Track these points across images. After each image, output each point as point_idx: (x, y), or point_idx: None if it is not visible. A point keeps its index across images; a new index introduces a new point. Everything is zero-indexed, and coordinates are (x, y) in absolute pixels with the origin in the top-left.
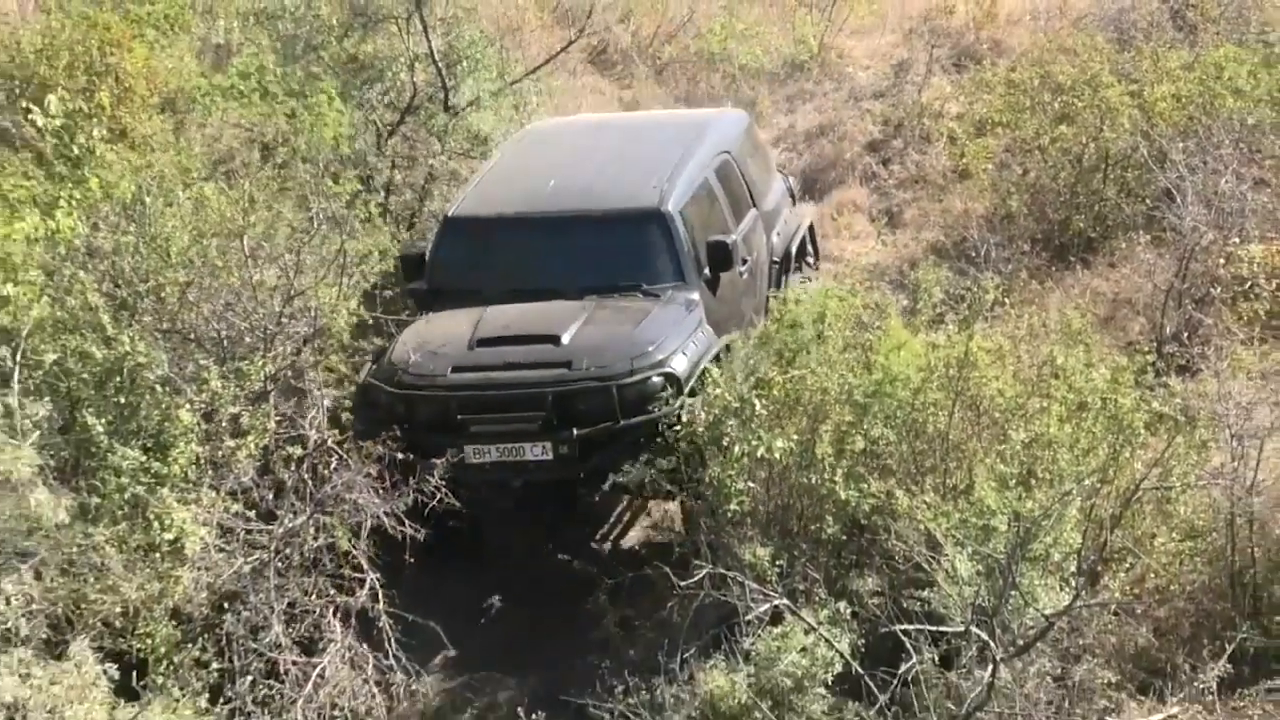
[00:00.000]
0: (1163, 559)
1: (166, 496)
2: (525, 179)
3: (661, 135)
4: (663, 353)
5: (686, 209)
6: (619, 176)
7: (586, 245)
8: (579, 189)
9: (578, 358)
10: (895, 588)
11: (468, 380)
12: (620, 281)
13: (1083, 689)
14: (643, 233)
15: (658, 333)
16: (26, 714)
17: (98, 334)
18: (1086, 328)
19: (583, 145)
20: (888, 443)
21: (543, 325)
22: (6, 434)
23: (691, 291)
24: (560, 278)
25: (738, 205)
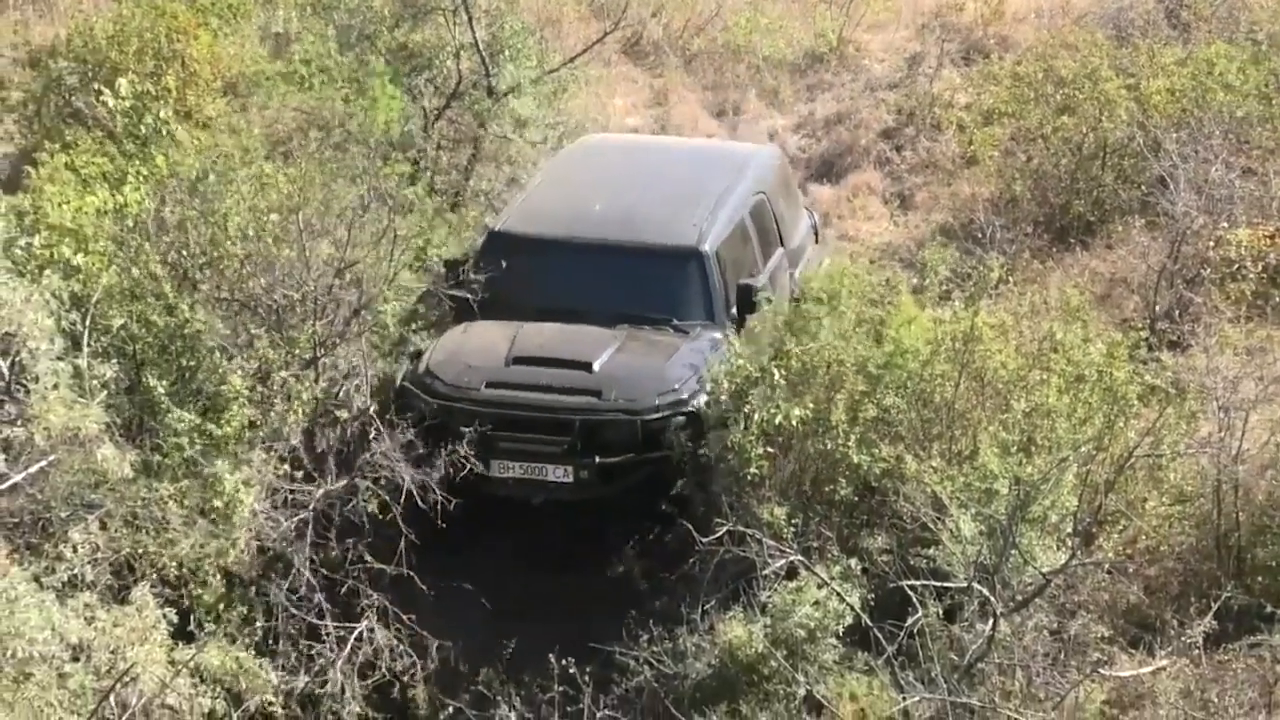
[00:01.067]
0: (1153, 522)
1: (219, 465)
2: (571, 200)
3: (705, 169)
4: (687, 391)
5: (722, 249)
6: (661, 209)
7: (624, 274)
8: (622, 218)
9: (607, 387)
10: (903, 546)
11: (501, 398)
12: (653, 313)
13: (1077, 642)
14: (679, 269)
15: (684, 370)
16: (91, 654)
17: (160, 302)
18: (1084, 305)
19: (629, 170)
20: (898, 411)
21: (576, 350)
22: (76, 393)
23: (718, 330)
24: (595, 301)
25: (767, 244)
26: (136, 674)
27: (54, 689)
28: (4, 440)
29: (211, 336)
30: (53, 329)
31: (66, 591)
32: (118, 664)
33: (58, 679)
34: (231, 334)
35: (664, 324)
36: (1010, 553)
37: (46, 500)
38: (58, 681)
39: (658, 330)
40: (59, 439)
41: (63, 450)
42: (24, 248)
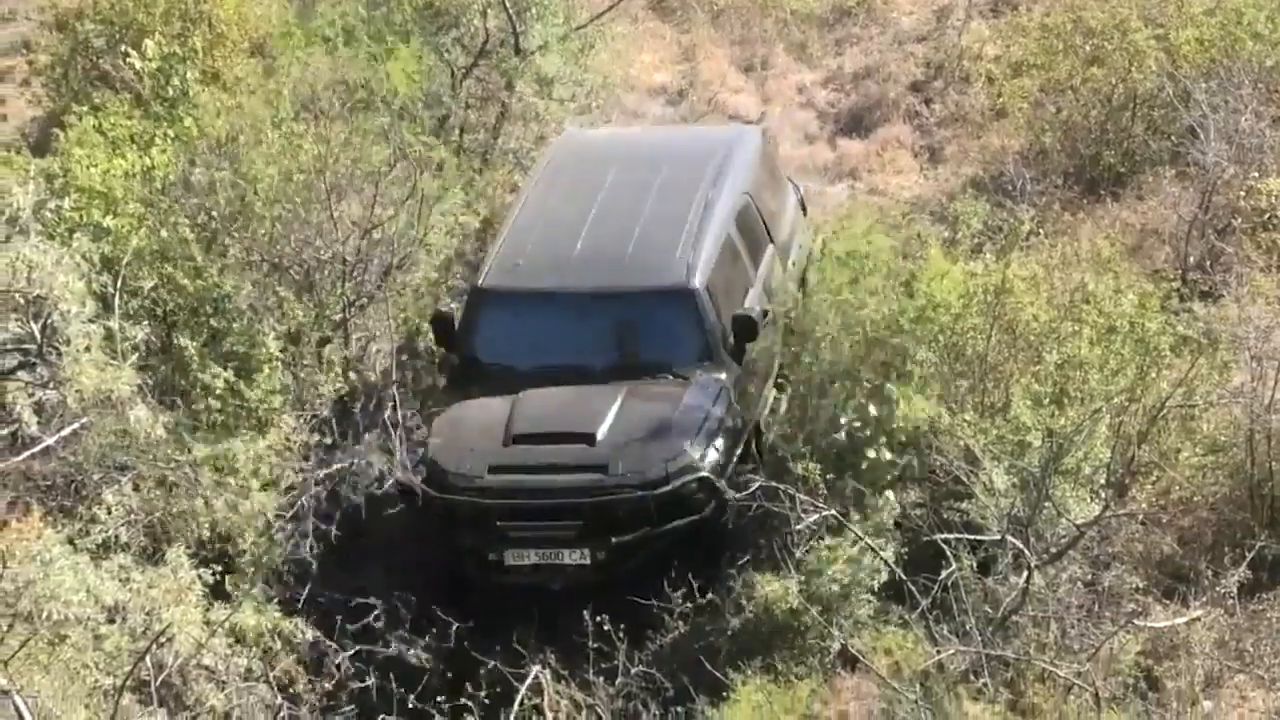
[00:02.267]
0: (1187, 472)
1: (247, 435)
2: (550, 237)
3: (685, 174)
4: (697, 450)
5: (713, 277)
6: (644, 240)
7: (614, 322)
8: (604, 258)
9: (613, 461)
10: (936, 499)
11: (506, 484)
12: (650, 360)
13: (1111, 594)
14: (670, 312)
15: (689, 427)
16: (126, 615)
17: (190, 264)
18: (1116, 257)
19: (608, 187)
20: (930, 364)
21: (577, 419)
22: (108, 355)
23: (719, 370)
24: (589, 354)
25: (757, 250)
26: (172, 635)
27: (90, 651)
28: (36, 403)
29: (241, 299)
30: (84, 291)
31: (101, 553)
32: (153, 625)
33: (93, 640)
34: (261, 296)
35: (663, 370)
36: (1044, 505)
37: (79, 463)
38: (93, 643)
39: (657, 381)
40: (91, 401)
41: (95, 412)
42: (54, 210)
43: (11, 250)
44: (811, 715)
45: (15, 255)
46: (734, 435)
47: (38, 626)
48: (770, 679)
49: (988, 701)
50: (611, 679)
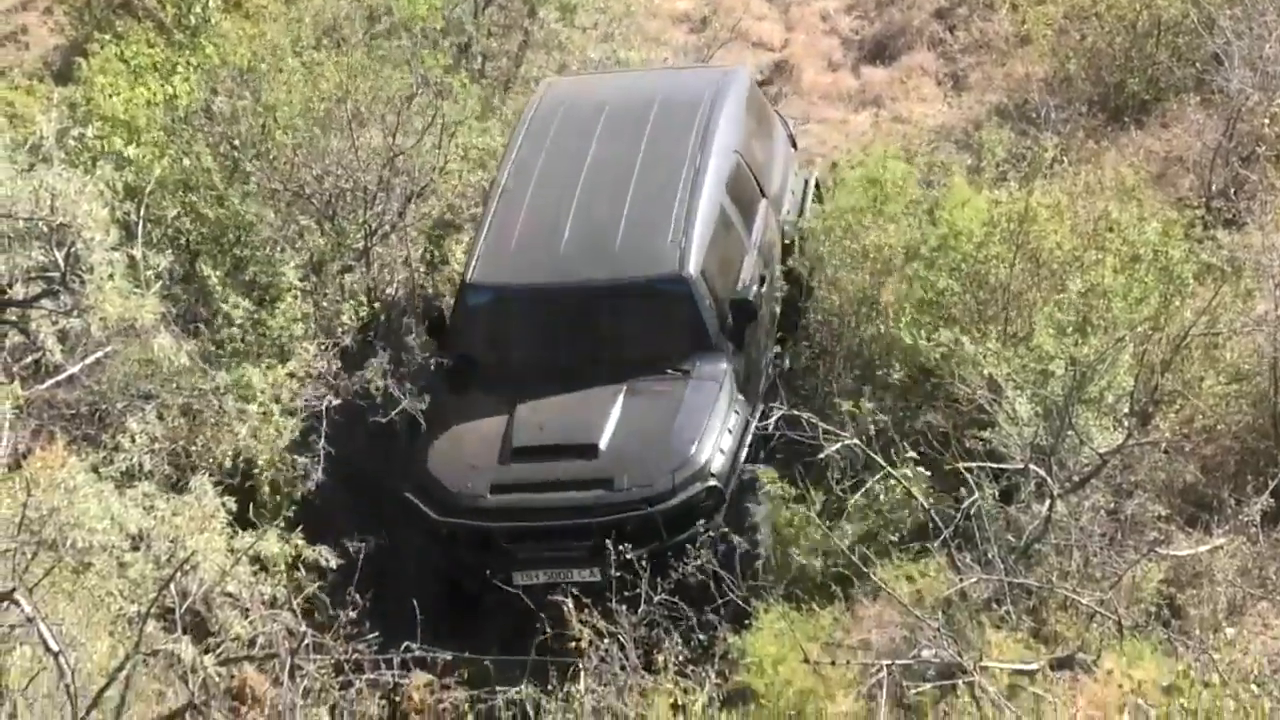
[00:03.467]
0: (1210, 401)
1: (268, 363)
2: (537, 223)
3: (672, 134)
4: (703, 455)
5: (707, 258)
6: (633, 221)
7: (608, 317)
8: (594, 247)
9: (618, 474)
10: (959, 428)
11: (509, 504)
12: (647, 353)
13: (1134, 522)
14: (665, 302)
15: (694, 429)
16: (150, 543)
17: (212, 193)
18: (1139, 184)
19: (593, 154)
20: (953, 293)
21: (578, 430)
22: (132, 283)
23: (720, 360)
24: (585, 349)
25: (750, 211)
26: (196, 562)
27: (114, 578)
28: (60, 331)
29: (263, 227)
30: (107, 220)
31: (125, 482)
32: (177, 553)
33: (118, 568)
34: (283, 225)
35: (662, 363)
36: (1066, 433)
37: (103, 391)
38: (118, 571)
39: (657, 377)
40: (115, 329)
41: (119, 341)
42: (77, 139)
43: (35, 178)
44: (834, 643)
45: (39, 183)
46: (740, 429)
47: (62, 554)
48: (792, 606)
49: (1010, 629)
50: (634, 607)
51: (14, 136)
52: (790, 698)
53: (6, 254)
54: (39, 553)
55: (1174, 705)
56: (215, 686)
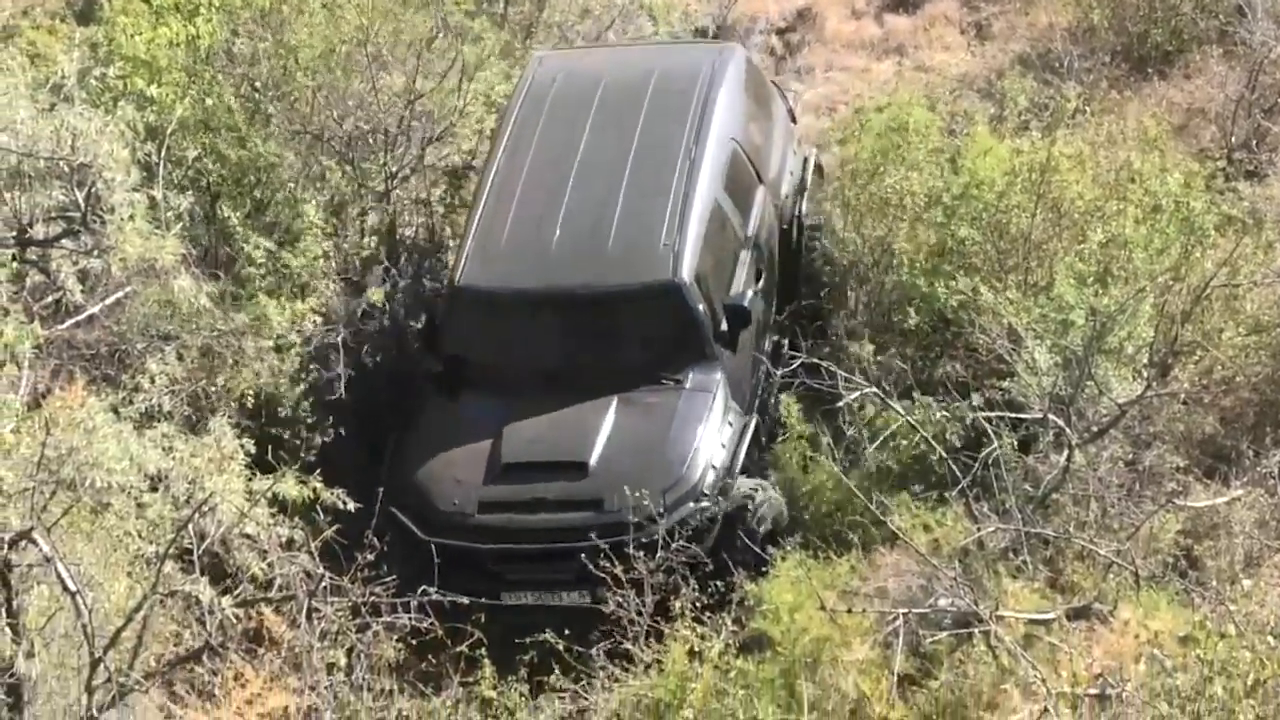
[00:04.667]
0: (1229, 352)
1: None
2: (527, 220)
3: (666, 122)
4: (695, 473)
5: (701, 261)
6: (626, 221)
7: (599, 322)
8: (585, 250)
9: (608, 494)
10: (978, 378)
11: (497, 524)
12: (639, 361)
13: (1152, 473)
14: (657, 309)
15: (686, 445)
16: (169, 484)
17: (233, 134)
18: (1162, 135)
19: (584, 148)
20: (973, 242)
21: (567, 446)
22: (152, 224)
23: (714, 369)
24: (576, 356)
25: (746, 202)
26: (215, 504)
27: (132, 518)
28: (81, 271)
29: (284, 169)
30: (128, 160)
31: (144, 422)
32: (196, 494)
33: (136, 508)
34: (304, 166)
35: (654, 371)
36: (1086, 384)
37: (123, 331)
38: (136, 511)
39: (649, 389)
40: (135, 270)
41: (139, 281)
42: (99, 79)
43: (56, 118)
44: (850, 591)
45: (60, 123)
46: (735, 441)
47: (81, 494)
48: (810, 555)
49: (1027, 579)
50: (651, 553)
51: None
52: (806, 645)
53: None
54: (57, 492)
55: (1190, 656)
56: (233, 628)
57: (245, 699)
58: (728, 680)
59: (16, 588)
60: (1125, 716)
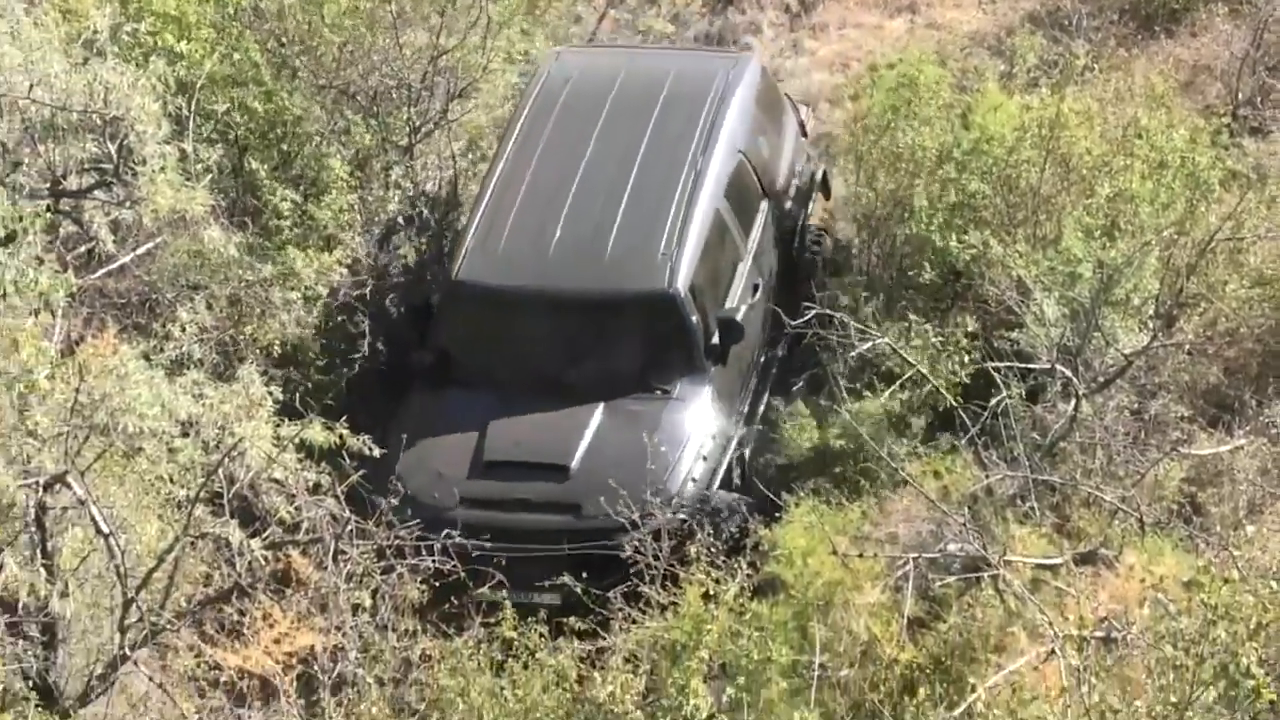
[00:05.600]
0: (1233, 304)
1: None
2: (529, 218)
3: (676, 130)
4: (674, 484)
5: (698, 272)
6: (626, 228)
7: (593, 326)
8: (584, 253)
9: (586, 499)
10: (987, 329)
11: (476, 520)
12: (630, 369)
13: (1157, 422)
14: (650, 317)
15: (667, 455)
16: (199, 429)
17: (260, 88)
18: (1168, 92)
19: (591, 150)
20: (984, 196)
21: (550, 448)
22: (182, 176)
23: (702, 381)
24: (568, 358)
25: (749, 213)
26: (244, 449)
27: (164, 463)
28: (113, 222)
29: (310, 123)
30: (159, 114)
31: (175, 369)
32: (225, 439)
33: (167, 453)
34: (329, 120)
35: (645, 379)
36: (1093, 335)
37: (154, 281)
38: (167, 456)
39: (636, 398)
40: (166, 221)
41: (169, 232)
42: (130, 34)
43: (89, 72)
44: (862, 536)
45: (93, 77)
46: (717, 456)
47: (113, 439)
48: (823, 501)
49: (1034, 525)
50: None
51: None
52: (819, 588)
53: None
54: (91, 437)
55: (1194, 600)
56: (261, 569)
57: (273, 638)
58: (742, 622)
59: (51, 530)
60: (1130, 659)
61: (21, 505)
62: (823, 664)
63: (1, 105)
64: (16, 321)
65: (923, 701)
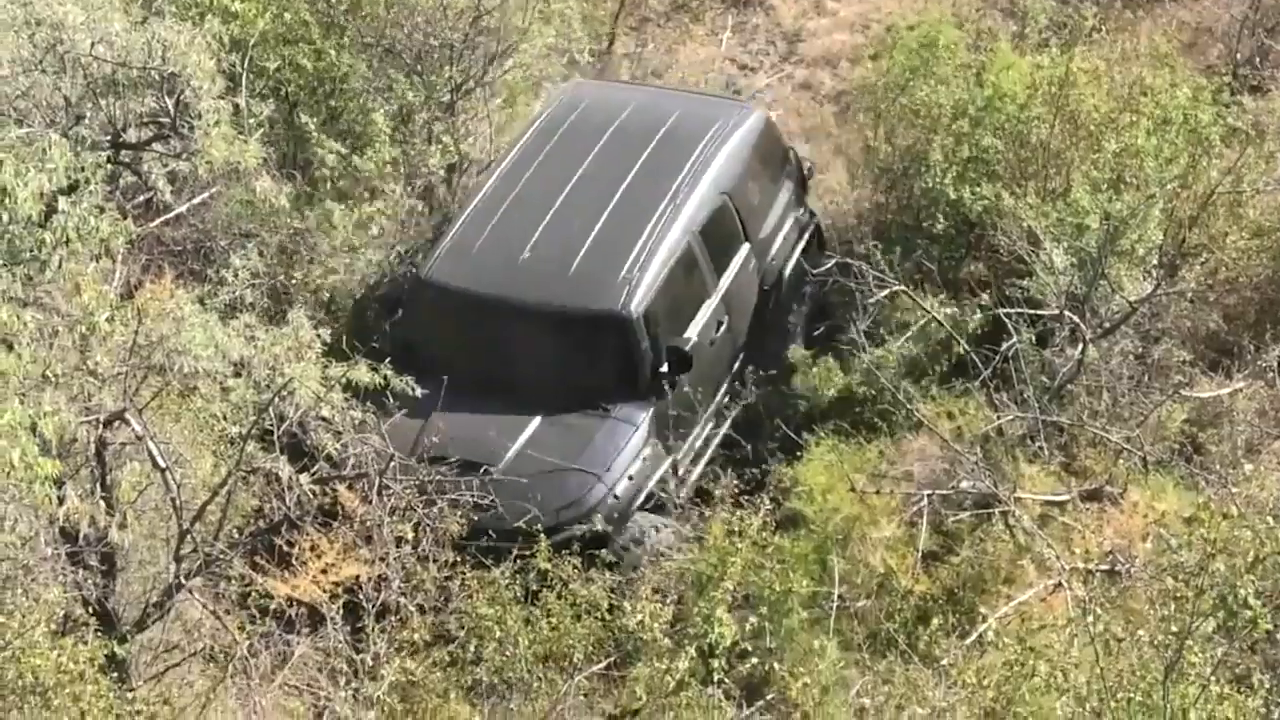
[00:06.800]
0: (1233, 254)
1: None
2: (506, 232)
3: (665, 164)
4: (593, 498)
5: (656, 300)
6: (594, 250)
7: (546, 340)
8: (549, 269)
9: (506, 501)
10: (999, 277)
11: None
12: (576, 384)
13: (1160, 366)
14: (601, 337)
15: (592, 469)
16: (251, 370)
17: (310, 46)
18: (1172, 52)
19: (580, 175)
20: (996, 151)
21: (480, 449)
22: (236, 129)
23: (644, 407)
24: (520, 369)
25: (725, 254)
26: (293, 389)
27: (217, 402)
28: (170, 173)
29: (357, 79)
30: (214, 70)
31: (228, 313)
32: (276, 379)
33: (221, 392)
34: (374, 77)
35: (589, 396)
36: (1099, 283)
37: (208, 229)
38: (221, 395)
39: (575, 413)
40: (220, 172)
41: (223, 183)
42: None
43: (148, 30)
44: (879, 473)
45: (151, 35)
46: (645, 477)
47: (170, 378)
48: (841, 440)
49: (1043, 464)
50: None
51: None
52: (837, 523)
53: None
54: (148, 376)
55: (1194, 535)
56: (309, 503)
57: (320, 568)
58: (764, 555)
59: (110, 464)
60: (1133, 590)
61: (83, 441)
62: (841, 595)
63: (65, 62)
64: (78, 267)
65: (936, 631)
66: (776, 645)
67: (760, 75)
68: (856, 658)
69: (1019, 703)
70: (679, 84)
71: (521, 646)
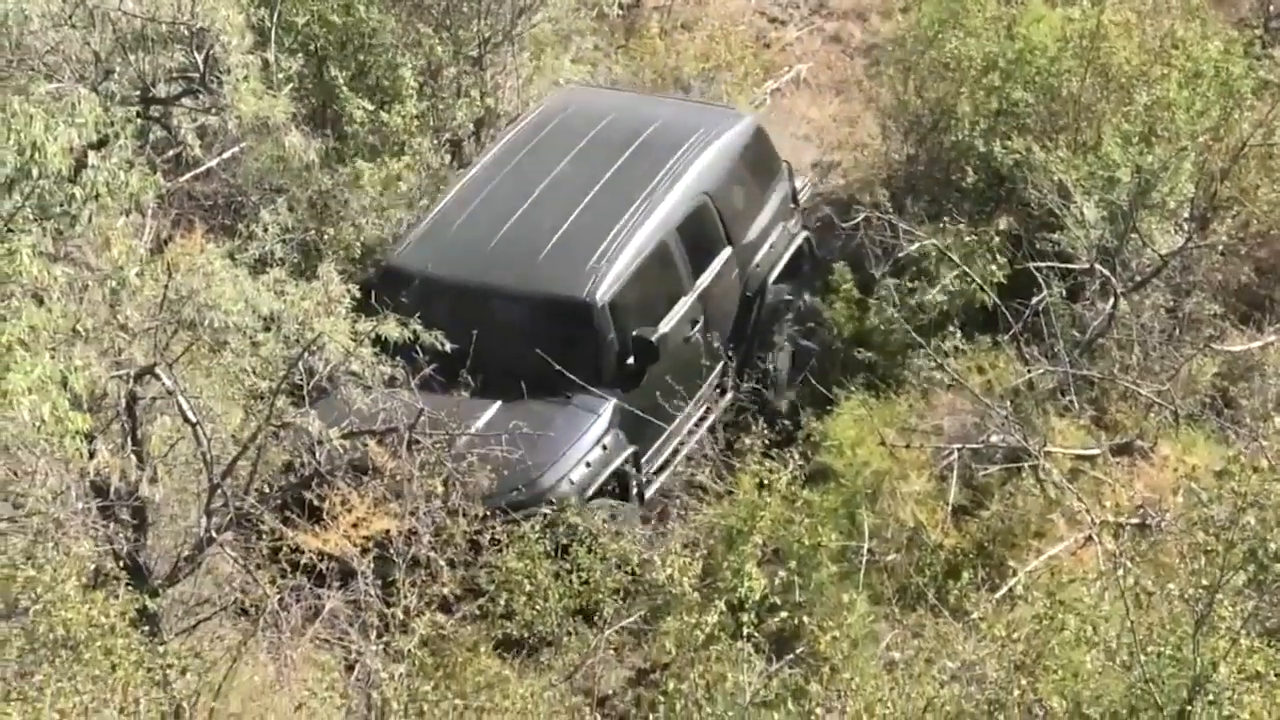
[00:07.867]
0: (1264, 207)
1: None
2: (479, 221)
3: (646, 163)
4: (546, 482)
5: (624, 291)
6: (565, 240)
7: (510, 325)
8: (517, 256)
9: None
10: (1030, 231)
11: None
12: (540, 371)
13: (1191, 319)
14: (565, 324)
15: (546, 455)
16: (281, 324)
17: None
18: (1203, 5)
19: (559, 170)
20: (1027, 104)
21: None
22: (265, 84)
23: (606, 398)
24: (484, 354)
25: (704, 254)
26: (323, 343)
27: (247, 356)
28: (200, 128)
29: (385, 34)
30: (243, 25)
31: (258, 268)
32: (305, 334)
33: (251, 347)
34: (403, 32)
35: (552, 384)
36: (1130, 236)
37: (238, 184)
38: (251, 349)
39: (537, 400)
40: (249, 127)
41: (253, 138)
42: None
43: None
44: (909, 428)
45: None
46: (601, 465)
47: (200, 333)
48: (871, 394)
49: (1073, 417)
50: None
51: None
52: (867, 477)
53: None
54: (179, 331)
55: (1225, 488)
56: (339, 457)
57: (351, 522)
58: (794, 510)
59: (141, 419)
60: (1164, 544)
61: (114, 395)
62: (871, 549)
63: (94, 17)
64: (108, 222)
65: (965, 585)
66: (806, 599)
67: (790, 28)
68: (886, 611)
69: (1049, 656)
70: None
71: (551, 600)
